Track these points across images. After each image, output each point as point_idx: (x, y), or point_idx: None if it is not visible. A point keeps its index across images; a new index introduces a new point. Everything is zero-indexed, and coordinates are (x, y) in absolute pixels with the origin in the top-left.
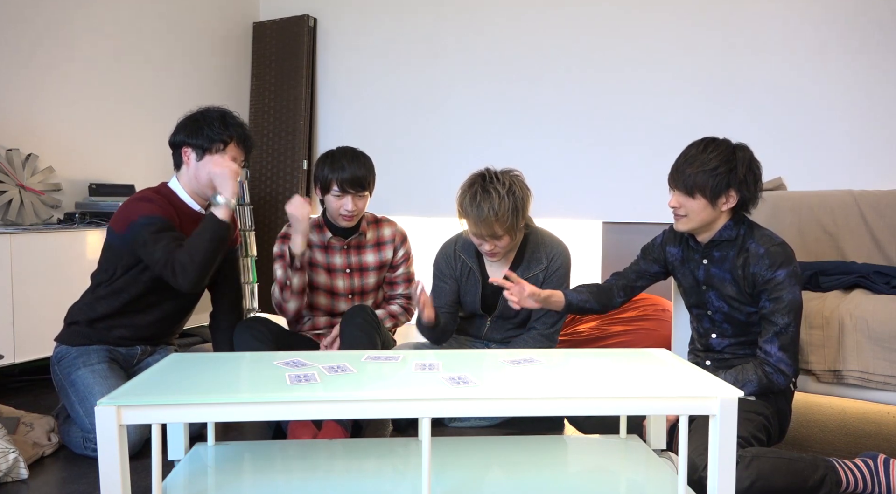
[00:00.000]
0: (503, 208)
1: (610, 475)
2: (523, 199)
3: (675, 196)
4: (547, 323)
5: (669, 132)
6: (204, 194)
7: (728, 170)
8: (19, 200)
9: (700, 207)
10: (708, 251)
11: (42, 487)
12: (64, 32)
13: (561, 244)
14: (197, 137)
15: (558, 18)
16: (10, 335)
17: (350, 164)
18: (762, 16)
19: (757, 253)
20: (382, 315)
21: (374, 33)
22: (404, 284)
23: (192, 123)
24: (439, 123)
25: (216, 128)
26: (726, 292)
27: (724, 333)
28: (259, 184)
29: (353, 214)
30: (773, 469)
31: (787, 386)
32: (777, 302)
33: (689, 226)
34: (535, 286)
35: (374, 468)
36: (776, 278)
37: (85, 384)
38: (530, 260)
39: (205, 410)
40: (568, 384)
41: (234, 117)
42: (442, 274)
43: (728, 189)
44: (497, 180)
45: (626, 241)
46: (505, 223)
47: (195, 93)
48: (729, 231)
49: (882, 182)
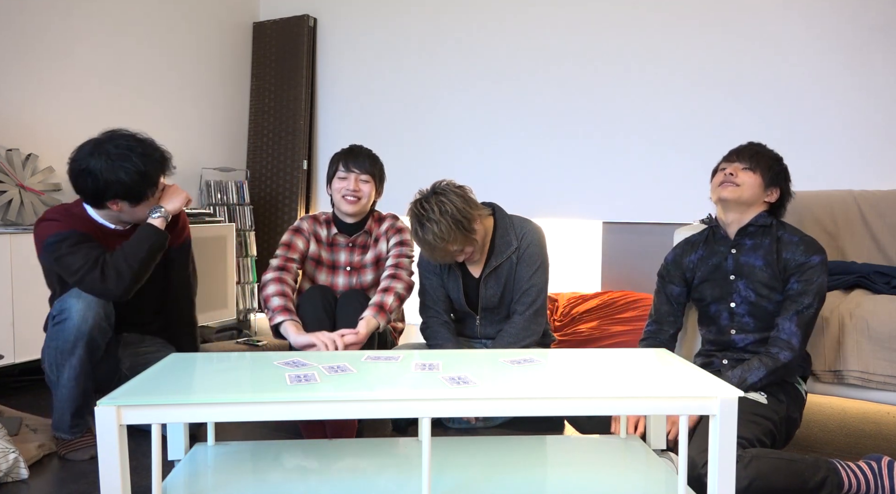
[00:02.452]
0: (445, 230)
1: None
2: (459, 209)
3: (736, 166)
4: (525, 303)
5: (670, 132)
6: (120, 223)
7: (782, 170)
8: (19, 200)
9: (755, 184)
10: (738, 240)
11: (42, 487)
12: (64, 33)
13: (530, 223)
14: (128, 197)
15: (558, 18)
16: (10, 335)
17: (361, 151)
18: (763, 16)
19: (791, 240)
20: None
21: (374, 33)
22: (394, 256)
23: (121, 188)
24: (439, 123)
25: (137, 188)
26: (757, 278)
27: (746, 328)
28: (259, 184)
29: (355, 196)
30: (773, 470)
31: (793, 362)
32: (807, 284)
33: (738, 195)
34: (510, 270)
35: (374, 468)
36: (810, 262)
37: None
38: (500, 244)
39: (205, 410)
40: (568, 384)
41: (149, 161)
42: (427, 271)
43: (777, 184)
44: (426, 209)
45: (626, 241)
46: (456, 240)
47: (195, 93)
48: (764, 218)
49: (882, 182)
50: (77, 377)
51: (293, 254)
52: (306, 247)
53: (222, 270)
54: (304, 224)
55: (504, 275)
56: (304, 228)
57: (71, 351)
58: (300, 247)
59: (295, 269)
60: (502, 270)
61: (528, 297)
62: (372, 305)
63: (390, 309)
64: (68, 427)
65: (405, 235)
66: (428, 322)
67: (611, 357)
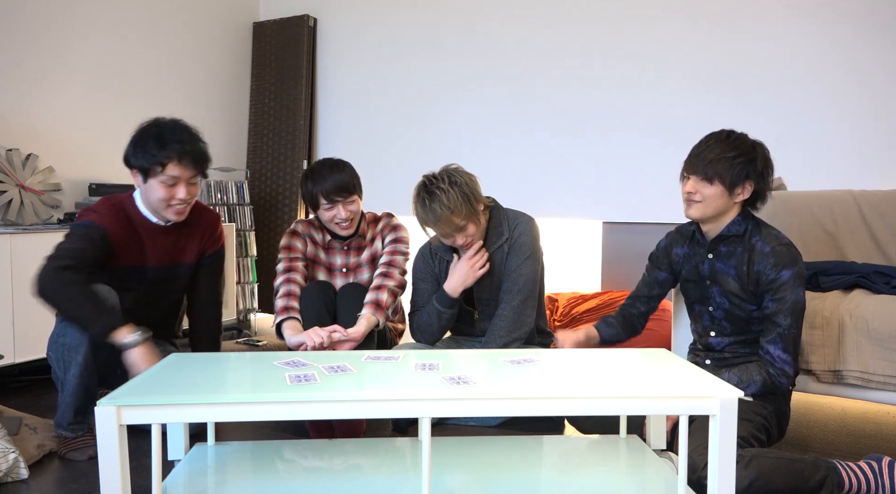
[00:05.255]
0: (453, 200)
1: (610, 475)
2: (468, 185)
3: (692, 181)
4: (512, 292)
5: (670, 132)
6: (156, 213)
7: (748, 161)
8: (19, 200)
9: (717, 194)
10: (714, 246)
11: (42, 487)
12: (64, 33)
13: (524, 215)
14: (136, 159)
15: (557, 18)
16: (10, 335)
17: (330, 174)
18: (763, 16)
19: (762, 251)
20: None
21: (373, 33)
22: (388, 254)
23: (133, 143)
24: (439, 123)
25: (150, 148)
26: (728, 288)
27: (724, 332)
28: (259, 184)
29: (348, 220)
30: (773, 469)
31: (789, 387)
32: (780, 303)
33: (702, 212)
34: (501, 261)
35: (374, 468)
36: (780, 278)
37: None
38: (493, 234)
39: (205, 410)
40: (568, 384)
41: (177, 132)
42: (421, 275)
43: (746, 180)
44: (436, 180)
45: (626, 241)
46: (461, 212)
47: (195, 93)
48: (737, 226)
49: (882, 182)
50: (81, 374)
51: (295, 254)
52: (305, 247)
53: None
54: (299, 227)
55: (496, 265)
56: (300, 230)
57: (77, 349)
58: (300, 248)
59: (301, 267)
60: (494, 260)
61: (515, 285)
62: (368, 303)
63: (386, 305)
64: (68, 423)
65: (401, 232)
66: (419, 315)
67: (611, 357)
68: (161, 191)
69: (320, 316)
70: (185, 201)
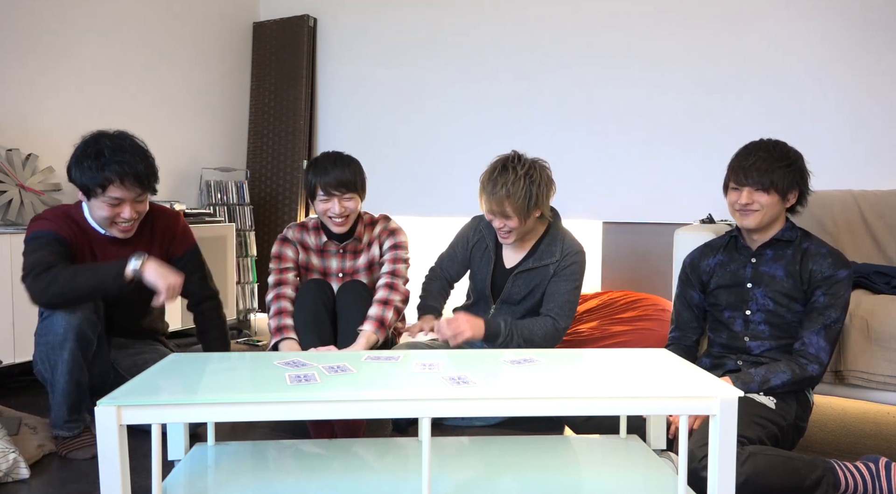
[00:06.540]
0: (516, 188)
1: (610, 475)
2: (540, 186)
3: (747, 192)
4: (561, 316)
5: (670, 132)
6: (103, 226)
7: (797, 168)
8: (19, 200)
9: (773, 202)
10: (760, 250)
11: (42, 487)
12: (64, 33)
13: (578, 245)
14: (77, 177)
15: (557, 18)
16: (10, 335)
17: (333, 168)
18: (763, 16)
19: (819, 252)
20: (379, 315)
21: (374, 33)
22: (390, 262)
23: (73, 159)
24: (439, 123)
25: (90, 169)
26: (777, 288)
27: (761, 336)
28: (259, 184)
29: (341, 217)
30: (770, 467)
31: (820, 377)
32: (833, 298)
33: (759, 220)
34: (543, 279)
35: (374, 468)
36: (837, 275)
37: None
38: (544, 251)
39: (205, 410)
40: (568, 384)
41: (118, 152)
42: (459, 242)
43: (795, 187)
44: (519, 161)
45: (626, 241)
46: (516, 203)
47: (195, 93)
48: (790, 232)
49: (882, 182)
50: (70, 370)
51: (286, 264)
52: (296, 255)
53: (222, 270)
54: (290, 233)
55: (536, 280)
56: (290, 237)
57: (62, 346)
58: (290, 256)
59: (292, 278)
60: (535, 275)
61: (564, 310)
62: (372, 320)
63: (389, 324)
64: (63, 422)
65: (399, 237)
66: (433, 276)
67: (611, 357)
68: (105, 211)
69: (319, 318)
70: (131, 219)
